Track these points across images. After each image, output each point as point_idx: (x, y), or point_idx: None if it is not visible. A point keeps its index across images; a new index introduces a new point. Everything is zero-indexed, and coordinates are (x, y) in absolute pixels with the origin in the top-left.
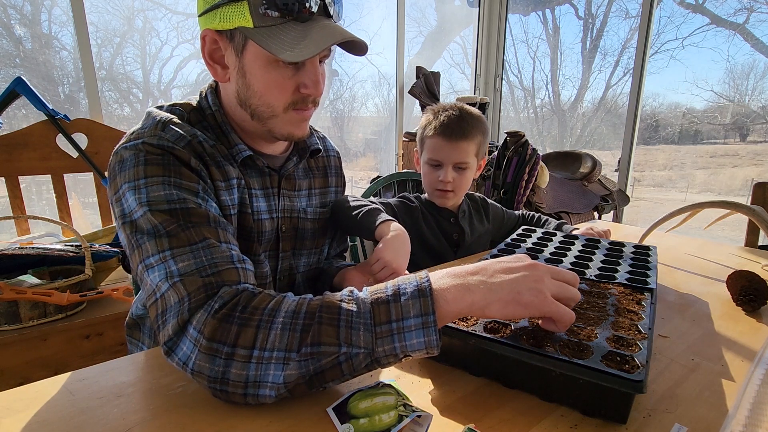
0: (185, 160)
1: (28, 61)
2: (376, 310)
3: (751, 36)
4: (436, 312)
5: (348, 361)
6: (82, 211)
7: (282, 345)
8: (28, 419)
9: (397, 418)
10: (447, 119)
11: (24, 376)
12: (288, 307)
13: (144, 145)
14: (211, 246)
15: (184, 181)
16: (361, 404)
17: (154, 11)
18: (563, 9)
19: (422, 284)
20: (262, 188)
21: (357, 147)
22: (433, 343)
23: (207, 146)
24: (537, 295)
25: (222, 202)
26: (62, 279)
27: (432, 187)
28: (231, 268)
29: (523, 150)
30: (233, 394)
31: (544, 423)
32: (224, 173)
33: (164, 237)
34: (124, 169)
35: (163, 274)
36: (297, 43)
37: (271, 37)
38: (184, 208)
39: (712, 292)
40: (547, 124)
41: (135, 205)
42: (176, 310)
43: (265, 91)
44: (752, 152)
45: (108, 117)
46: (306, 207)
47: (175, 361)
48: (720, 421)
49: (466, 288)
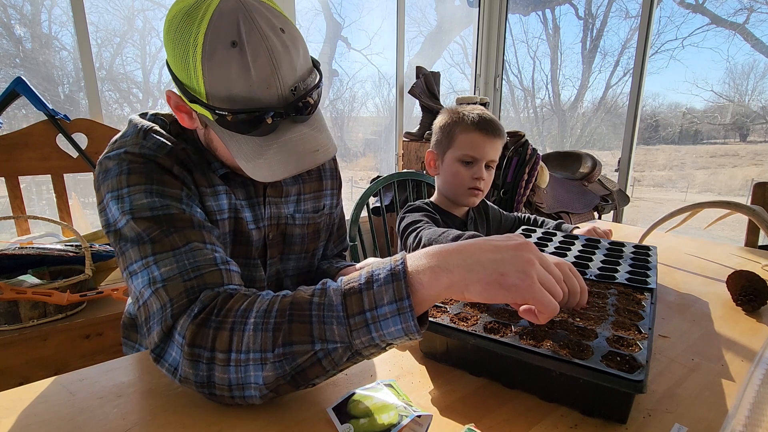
0: (168, 168)
1: (28, 61)
2: (349, 301)
3: (751, 36)
4: (412, 296)
5: (327, 356)
6: (82, 211)
7: (256, 346)
8: (28, 419)
9: (397, 418)
10: (480, 116)
11: (24, 376)
12: (260, 307)
13: (126, 154)
14: (195, 249)
15: (167, 188)
16: (361, 404)
17: (154, 11)
18: (563, 9)
19: (396, 267)
20: (247, 198)
21: (357, 147)
22: (412, 329)
23: (190, 153)
24: (524, 279)
25: (207, 207)
26: (62, 279)
27: (464, 186)
28: (214, 270)
29: (523, 150)
30: (222, 396)
31: (544, 423)
32: (209, 179)
33: (147, 243)
34: (108, 179)
35: (146, 281)
36: (254, 158)
37: (231, 139)
38: (167, 214)
39: (712, 292)
40: (547, 124)
41: (118, 214)
42: (159, 317)
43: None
44: (752, 152)
45: (108, 117)
46: (294, 213)
47: (165, 367)
48: (720, 421)
49: (443, 268)
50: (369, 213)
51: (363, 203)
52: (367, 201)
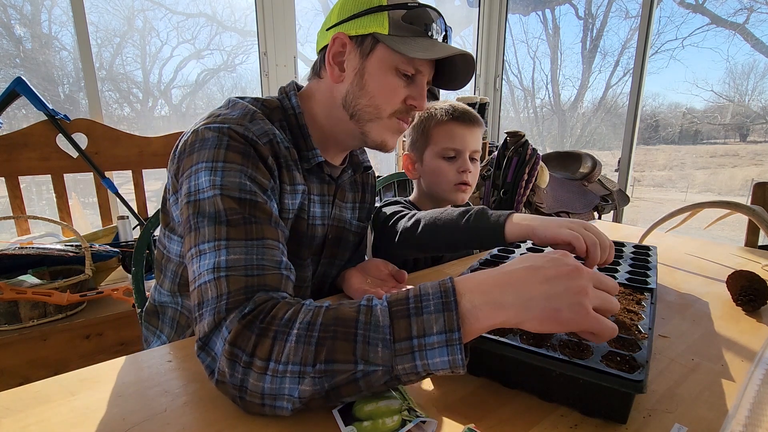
0: (264, 156)
1: (28, 61)
2: (396, 324)
3: (751, 36)
4: (462, 328)
5: (365, 377)
6: (82, 211)
7: (297, 359)
8: (28, 419)
9: (400, 423)
10: (453, 107)
11: (24, 376)
12: (304, 318)
13: (229, 130)
14: (266, 246)
15: (259, 175)
16: (366, 407)
17: (154, 11)
18: (563, 9)
19: (447, 297)
20: (320, 195)
21: None
22: (458, 362)
23: (282, 148)
24: (578, 311)
25: (284, 205)
26: (62, 279)
27: (450, 183)
28: (276, 273)
29: (523, 150)
30: (251, 403)
31: (544, 423)
32: (292, 177)
33: (224, 225)
34: (204, 148)
35: (212, 264)
36: (426, 49)
37: (402, 44)
38: (253, 201)
39: (712, 292)
40: (547, 124)
41: (207, 185)
42: (213, 307)
43: (379, 93)
44: (752, 152)
45: (108, 117)
46: (350, 219)
47: (210, 356)
48: (720, 421)
49: (498, 305)
50: None
51: None
52: None
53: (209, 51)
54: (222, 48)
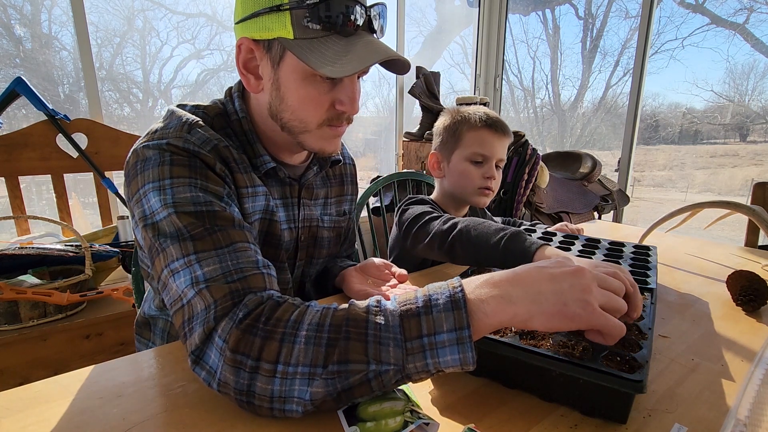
0: (211, 165)
1: (28, 61)
2: (406, 323)
3: (751, 36)
4: (472, 326)
5: (377, 378)
6: (82, 211)
7: (307, 360)
8: (28, 419)
9: (402, 424)
10: (488, 115)
11: (24, 376)
12: (312, 319)
13: (169, 145)
14: (238, 249)
15: (210, 184)
16: (371, 408)
17: (154, 11)
18: (563, 9)
19: (455, 295)
20: (282, 198)
21: (357, 147)
22: (469, 360)
23: (233, 151)
24: (585, 307)
25: (245, 209)
26: (62, 279)
27: (474, 186)
28: (257, 274)
29: (523, 150)
30: (260, 407)
31: (544, 423)
32: (250, 179)
33: (188, 240)
34: (147, 168)
35: (189, 280)
36: (338, 59)
37: (311, 51)
38: (210, 211)
39: (712, 292)
40: (547, 124)
41: (159, 206)
42: (202, 318)
43: (300, 106)
44: (752, 152)
45: (108, 117)
46: (322, 215)
47: (205, 370)
48: (720, 421)
49: (507, 299)
50: (369, 213)
51: (363, 203)
52: (367, 201)
53: (209, 51)
54: (222, 48)
